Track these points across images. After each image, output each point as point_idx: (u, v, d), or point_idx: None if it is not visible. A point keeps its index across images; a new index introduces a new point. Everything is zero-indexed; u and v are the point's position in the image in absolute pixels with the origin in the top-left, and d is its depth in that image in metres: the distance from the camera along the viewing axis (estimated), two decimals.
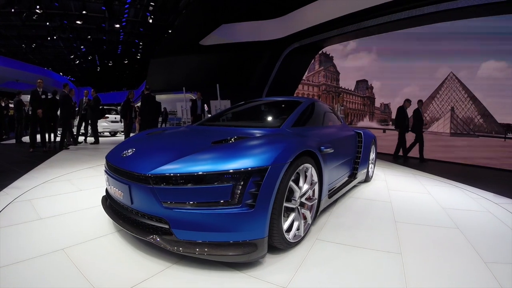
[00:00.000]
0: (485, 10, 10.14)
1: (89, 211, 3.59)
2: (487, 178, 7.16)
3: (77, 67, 39.16)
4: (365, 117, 14.37)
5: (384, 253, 2.68)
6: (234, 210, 2.22)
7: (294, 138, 2.94)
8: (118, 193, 2.66)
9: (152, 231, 2.41)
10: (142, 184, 2.37)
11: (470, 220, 3.80)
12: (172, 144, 3.07)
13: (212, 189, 2.23)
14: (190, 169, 2.27)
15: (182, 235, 2.27)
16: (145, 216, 2.45)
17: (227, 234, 2.25)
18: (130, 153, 2.82)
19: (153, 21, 22.67)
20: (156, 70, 19.37)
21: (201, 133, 3.59)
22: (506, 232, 3.39)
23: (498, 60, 10.34)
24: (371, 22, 12.81)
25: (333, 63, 14.97)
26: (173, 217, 2.26)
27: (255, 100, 5.23)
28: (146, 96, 10.44)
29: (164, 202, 2.27)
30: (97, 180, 5.21)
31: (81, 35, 26.48)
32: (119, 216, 2.74)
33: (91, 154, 8.54)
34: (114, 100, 28.32)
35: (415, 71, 11.80)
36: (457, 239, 3.13)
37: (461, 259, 2.64)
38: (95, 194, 4.27)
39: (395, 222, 3.58)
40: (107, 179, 2.93)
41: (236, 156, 2.36)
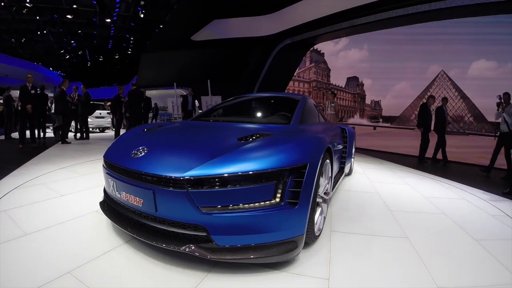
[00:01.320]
0: (476, 10, 10.27)
1: (83, 221, 3.13)
2: (459, 171, 7.74)
3: (67, 62, 38.81)
4: (355, 114, 14.47)
5: (395, 239, 3.00)
6: (277, 209, 2.16)
7: (317, 136, 2.97)
8: (133, 200, 2.34)
9: (185, 240, 2.19)
10: (174, 189, 2.12)
11: (451, 206, 4.34)
12: (194, 142, 2.83)
13: (254, 190, 2.14)
14: (231, 170, 2.13)
15: (222, 241, 2.12)
16: (175, 224, 2.20)
17: (269, 235, 2.18)
18: (143, 153, 2.51)
19: (144, 16, 22.55)
20: (147, 66, 19.26)
21: (217, 129, 3.40)
22: (483, 215, 4.01)
23: (489, 60, 10.54)
24: (363, 19, 12.90)
25: (324, 59, 15.04)
26: (212, 223, 2.10)
27: (249, 95, 5.28)
28: (134, 92, 10.39)
29: (203, 207, 2.09)
30: (81, 181, 4.78)
31: (72, 29, 26.24)
32: (134, 226, 2.42)
33: (81, 150, 8.47)
34: (105, 96, 28.07)
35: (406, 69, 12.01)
36: (446, 222, 3.60)
37: (456, 239, 3.08)
38: (82, 199, 3.87)
39: (390, 211, 3.95)
40: (112, 184, 2.56)
41: (274, 154, 2.31)
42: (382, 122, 12.99)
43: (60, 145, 9.25)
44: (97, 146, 9.29)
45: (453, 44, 11.00)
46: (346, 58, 13.43)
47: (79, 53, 35.45)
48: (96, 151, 8.17)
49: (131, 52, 33.64)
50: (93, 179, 4.90)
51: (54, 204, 3.65)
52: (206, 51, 17.14)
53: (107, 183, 2.73)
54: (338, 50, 13.51)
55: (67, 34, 27.85)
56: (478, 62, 10.42)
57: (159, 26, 24.19)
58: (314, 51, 15.21)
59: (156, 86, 19.29)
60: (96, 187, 4.43)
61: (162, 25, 23.28)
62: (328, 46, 14.39)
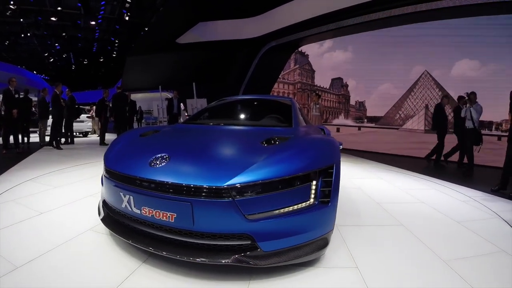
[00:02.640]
0: (458, 12, 10.51)
1: (79, 243, 2.73)
2: (422, 165, 8.71)
3: (52, 65, 38.26)
4: (340, 115, 14.65)
5: (393, 227, 3.50)
6: (313, 209, 2.27)
7: (333, 138, 3.18)
8: (162, 216, 2.16)
9: (229, 252, 2.14)
10: (218, 199, 2.07)
11: (424, 195, 5.06)
12: (217, 148, 2.77)
13: (293, 192, 2.22)
14: (273, 174, 2.16)
15: (268, 247, 2.15)
16: (217, 236, 2.14)
17: (307, 234, 2.27)
18: (165, 162, 2.35)
19: (130, 18, 22.39)
20: (132, 69, 19.11)
21: (231, 133, 3.39)
22: (454, 201, 4.79)
23: (472, 60, 10.93)
24: (347, 21, 13.05)
25: (308, 61, 15.15)
26: (257, 230, 2.11)
27: (237, 97, 5.36)
28: (118, 95, 10.36)
29: (249, 215, 2.09)
30: (59, 193, 4.43)
31: (56, 32, 25.84)
32: (161, 244, 2.24)
33: (67, 155, 8.39)
34: (90, 99, 27.79)
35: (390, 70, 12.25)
36: (428, 209, 4.24)
37: (442, 222, 3.75)
38: (67, 215, 3.48)
39: (378, 203, 4.41)
40: (128, 199, 2.31)
41: (307, 157, 2.42)
42: (366, 122, 13.23)
43: (49, 150, 9.15)
44: (83, 151, 9.23)
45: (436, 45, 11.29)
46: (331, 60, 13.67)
47: (64, 56, 34.94)
48: (82, 155, 8.13)
49: (116, 55, 33.31)
50: (74, 189, 4.63)
51: (36, 224, 3.18)
52: (192, 53, 17.10)
53: (116, 198, 2.44)
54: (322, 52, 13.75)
55: (51, 37, 27.43)
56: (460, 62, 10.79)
57: (144, 29, 24.04)
58: (298, 53, 15.36)
59: (141, 89, 19.18)
60: (79, 199, 4.08)
61: (147, 27, 23.15)
62: (313, 47, 14.56)
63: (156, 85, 13.01)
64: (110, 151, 2.96)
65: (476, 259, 2.72)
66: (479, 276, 2.40)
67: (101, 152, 8.96)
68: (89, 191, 4.52)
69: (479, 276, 2.39)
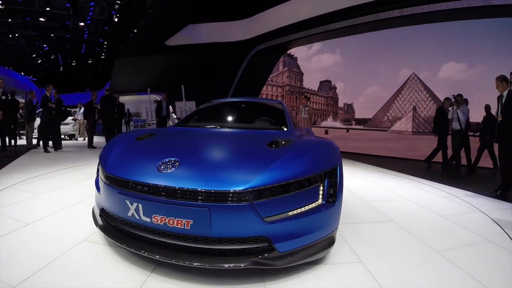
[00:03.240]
0: (444, 15, 10.68)
1: (76, 255, 2.53)
2: (400, 165, 9.13)
3: (39, 66, 37.86)
4: (328, 117, 14.79)
5: (385, 223, 3.70)
6: (322, 208, 2.37)
7: (332, 141, 3.20)
8: (177, 223, 2.09)
9: (246, 255, 2.15)
10: (237, 203, 2.08)
11: (408, 193, 5.34)
12: (225, 151, 2.81)
13: (305, 193, 2.32)
14: (287, 177, 2.24)
15: (283, 247, 2.19)
16: (234, 240, 2.14)
17: (317, 233, 2.36)
18: (176, 167, 2.31)
19: (119, 20, 22.29)
20: (121, 71, 19.00)
21: (232, 136, 3.41)
22: (436, 198, 5.12)
23: (459, 62, 11.07)
24: (336, 25, 13.16)
25: (297, 63, 15.27)
26: (273, 232, 2.15)
27: (226, 100, 5.39)
28: (107, 97, 10.31)
29: (266, 218, 2.12)
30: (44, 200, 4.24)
31: (44, 33, 25.61)
32: (176, 251, 2.19)
33: (54, 158, 8.32)
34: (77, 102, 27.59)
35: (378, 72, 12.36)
36: (412, 206, 4.53)
37: (429, 216, 4.03)
38: (54, 223, 3.27)
39: (365, 201, 4.63)
40: (135, 207, 2.21)
41: (315, 159, 2.56)
42: (355, 124, 13.35)
43: (36, 153, 9.05)
44: (70, 154, 9.16)
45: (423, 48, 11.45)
46: (319, 62, 13.83)
47: (52, 57, 34.64)
48: (70, 158, 8.07)
49: (104, 57, 33.12)
50: (60, 196, 4.37)
51: (24, 237, 2.90)
52: (180, 56, 17.07)
53: (120, 206, 2.32)
54: (311, 55, 13.88)
55: (39, 38, 27.18)
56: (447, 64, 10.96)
57: (133, 31, 23.95)
58: (287, 56, 15.44)
59: (129, 92, 19.07)
60: (67, 207, 3.84)
61: (136, 29, 23.06)
62: (301, 50, 14.65)
63: (145, 88, 12.95)
64: (107, 155, 2.76)
65: (465, 249, 2.99)
66: (471, 263, 2.63)
67: (89, 155, 8.91)
68: (77, 198, 4.28)
69: (471, 263, 2.63)
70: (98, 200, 2.77)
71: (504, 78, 5.59)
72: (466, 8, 9.83)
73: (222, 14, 16.23)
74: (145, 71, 17.97)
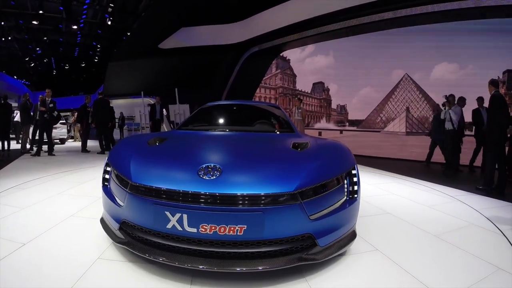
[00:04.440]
0: (437, 17, 10.81)
1: (95, 274, 2.25)
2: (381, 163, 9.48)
3: (32, 70, 37.68)
4: (322, 119, 14.83)
5: (382, 215, 4.00)
6: (348, 204, 2.54)
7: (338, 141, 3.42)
8: (229, 230, 2.05)
9: (293, 253, 2.22)
10: (287, 204, 2.15)
11: (391, 188, 5.76)
12: (258, 154, 2.85)
13: (337, 191, 2.49)
14: (326, 177, 2.42)
15: (323, 242, 2.32)
16: (284, 241, 2.19)
17: (345, 227, 2.53)
18: (221, 172, 2.27)
19: (112, 23, 22.25)
20: (114, 74, 18.97)
21: (251, 139, 3.47)
22: (417, 191, 5.58)
23: (451, 63, 11.16)
24: (329, 27, 13.25)
25: (290, 65, 15.29)
26: (316, 228, 2.27)
27: (223, 102, 5.42)
28: (99, 101, 10.28)
29: (311, 215, 2.23)
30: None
31: (37, 36, 25.48)
32: (223, 259, 2.14)
33: (47, 162, 8.27)
34: (71, 105, 27.40)
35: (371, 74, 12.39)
36: (399, 199, 4.90)
37: (416, 207, 4.44)
38: (62, 240, 2.84)
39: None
40: (178, 218, 2.08)
41: (341, 160, 2.77)
42: (348, 126, 13.41)
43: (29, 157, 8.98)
44: (63, 158, 9.11)
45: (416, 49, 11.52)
46: (312, 64, 13.80)
47: (45, 60, 34.46)
48: (63, 163, 8.03)
49: (97, 60, 33.00)
50: (53, 206, 3.99)
51: (27, 260, 2.46)
52: (174, 59, 17.08)
53: (157, 218, 2.15)
54: (304, 57, 13.87)
55: (32, 41, 27.05)
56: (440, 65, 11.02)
57: (126, 34, 23.90)
58: (280, 58, 15.47)
59: (123, 95, 19.04)
60: (63, 220, 3.42)
61: (129, 32, 23.01)
62: (295, 52, 14.68)
63: (139, 91, 12.93)
64: (126, 163, 2.56)
65: (457, 232, 3.43)
66: (466, 243, 3.06)
67: (84, 159, 8.85)
68: (69, 209, 3.87)
69: (465, 243, 3.06)
70: (115, 213, 2.50)
71: (493, 82, 5.79)
72: (457, 9, 9.97)
73: (216, 17, 16.25)
74: (138, 74, 17.96)
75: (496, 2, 9.36)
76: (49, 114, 9.55)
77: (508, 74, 11.16)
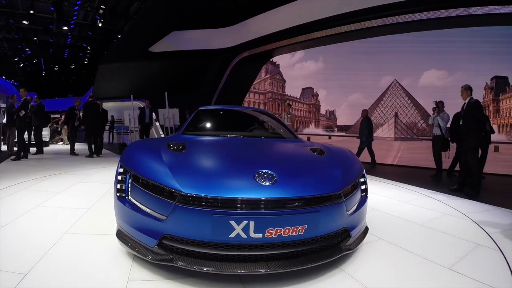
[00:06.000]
0: (424, 25, 11.02)
1: None
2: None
3: (21, 70, 37.23)
4: (310, 124, 14.90)
5: (373, 211, 4.45)
6: (364, 201, 2.93)
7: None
8: (292, 231, 2.16)
9: (335, 246, 2.51)
10: (336, 202, 2.43)
11: (380, 190, 6.28)
12: (293, 159, 3.09)
13: (357, 189, 2.82)
14: (353, 178, 2.79)
15: (353, 234, 2.63)
16: (331, 236, 2.45)
17: (363, 221, 2.89)
18: (276, 178, 2.33)
19: (103, 25, 22.09)
20: (104, 77, 18.88)
21: (267, 145, 3.70)
22: (395, 191, 6.30)
23: (439, 70, 11.36)
24: (318, 33, 13.39)
25: (279, 71, 15.38)
26: (350, 222, 2.58)
27: (218, 107, 5.39)
28: (90, 104, 10.24)
29: (348, 211, 2.56)
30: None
31: (27, 36, 25.19)
32: (282, 260, 2.22)
33: (35, 165, 8.21)
34: (59, 107, 27.15)
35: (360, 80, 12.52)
36: (376, 198, 5.43)
37: (398, 205, 5.12)
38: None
39: None
40: (245, 225, 2.08)
41: (354, 164, 3.10)
42: (337, 131, 13.52)
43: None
44: (52, 161, 9.04)
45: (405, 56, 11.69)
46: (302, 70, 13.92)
47: (34, 61, 34.06)
48: (53, 166, 7.96)
49: (87, 62, 32.70)
50: (44, 221, 3.44)
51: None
52: (164, 62, 17.07)
53: (219, 228, 2.10)
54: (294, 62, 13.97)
55: (22, 41, 26.74)
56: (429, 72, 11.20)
57: (117, 36, 23.77)
58: (269, 63, 15.59)
59: (112, 98, 18.93)
60: (60, 237, 2.93)
61: (120, 35, 22.90)
62: (284, 58, 14.80)
63: (128, 94, 12.89)
64: (166, 173, 2.37)
65: (436, 220, 4.19)
66: (445, 229, 3.81)
67: (71, 163, 8.78)
68: (59, 224, 3.39)
69: (445, 229, 3.81)
70: (150, 228, 2.29)
71: (468, 87, 6.11)
72: (446, 17, 10.19)
73: (207, 22, 16.30)
74: (128, 77, 17.89)
75: (483, 11, 9.60)
76: (17, 115, 9.34)
77: (496, 80, 11.37)
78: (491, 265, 2.80)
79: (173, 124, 10.75)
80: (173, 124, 10.73)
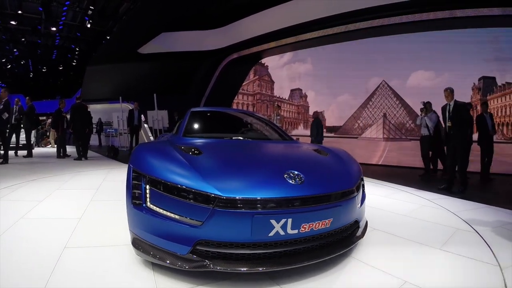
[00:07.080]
0: (411, 27, 11.18)
1: None
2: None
3: (9, 71, 36.72)
4: (299, 125, 15.01)
5: (371, 208, 4.53)
6: (364, 196, 3.16)
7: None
8: (321, 225, 2.33)
9: (347, 237, 2.71)
10: (352, 197, 2.66)
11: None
12: (306, 160, 3.22)
13: (360, 186, 2.98)
14: (359, 175, 3.03)
15: (361, 224, 2.91)
16: (346, 227, 2.68)
17: (364, 212, 3.11)
18: (303, 175, 2.48)
19: (92, 26, 21.90)
20: (92, 78, 18.76)
21: (271, 147, 3.85)
22: (384, 191, 6.47)
23: (427, 71, 11.56)
24: (307, 35, 13.50)
25: (268, 72, 15.44)
26: (359, 214, 2.85)
27: (211, 109, 5.47)
28: (77, 106, 10.15)
29: (358, 204, 2.81)
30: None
31: (15, 37, 24.86)
32: (303, 252, 2.35)
33: (25, 168, 8.11)
34: (47, 109, 26.87)
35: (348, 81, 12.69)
36: (378, 198, 5.68)
37: (391, 204, 5.37)
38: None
39: None
40: (283, 223, 2.16)
41: (355, 161, 3.36)
42: (326, 132, 13.59)
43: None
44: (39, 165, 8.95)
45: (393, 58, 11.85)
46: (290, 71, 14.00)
47: (22, 62, 33.63)
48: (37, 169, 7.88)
49: (76, 63, 32.37)
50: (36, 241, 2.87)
51: None
52: (153, 64, 17.03)
53: (260, 228, 2.14)
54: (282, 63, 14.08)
55: (9, 42, 26.38)
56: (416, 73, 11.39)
57: (106, 37, 23.60)
58: (258, 64, 15.68)
59: (101, 100, 18.82)
60: (59, 254, 2.57)
61: (109, 36, 22.74)
62: (273, 59, 14.94)
63: (117, 96, 12.83)
64: (199, 177, 2.30)
65: (422, 209, 4.84)
66: (431, 215, 4.45)
67: (58, 166, 8.69)
68: (54, 237, 3.01)
69: (431, 215, 4.45)
70: (183, 235, 2.20)
71: (452, 90, 6.37)
72: (433, 19, 10.36)
73: (196, 23, 16.29)
74: (117, 79, 17.81)
75: (469, 13, 9.79)
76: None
77: (484, 80, 11.53)
78: (472, 244, 3.26)
79: (162, 126, 10.73)
80: (162, 126, 10.71)
